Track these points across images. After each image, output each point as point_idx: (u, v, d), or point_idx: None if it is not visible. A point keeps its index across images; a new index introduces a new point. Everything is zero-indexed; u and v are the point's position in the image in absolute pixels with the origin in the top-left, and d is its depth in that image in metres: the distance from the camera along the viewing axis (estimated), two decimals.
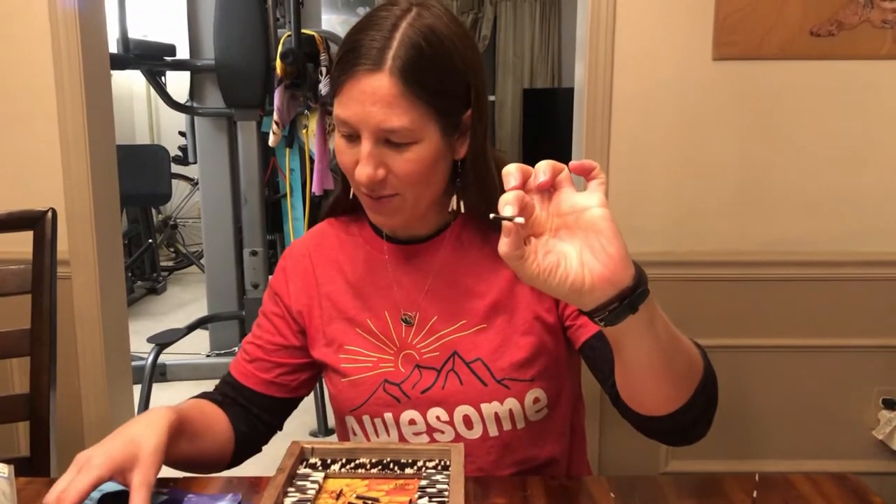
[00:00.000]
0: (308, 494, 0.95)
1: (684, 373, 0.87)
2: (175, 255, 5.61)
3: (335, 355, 1.11)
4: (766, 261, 1.99)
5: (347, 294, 1.12)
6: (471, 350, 1.06)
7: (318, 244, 1.16)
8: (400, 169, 0.98)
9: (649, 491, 1.02)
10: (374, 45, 0.95)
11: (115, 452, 0.90)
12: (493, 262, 1.06)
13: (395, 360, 1.09)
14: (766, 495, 1.00)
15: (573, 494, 0.99)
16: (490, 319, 1.07)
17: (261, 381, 1.14)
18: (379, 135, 0.96)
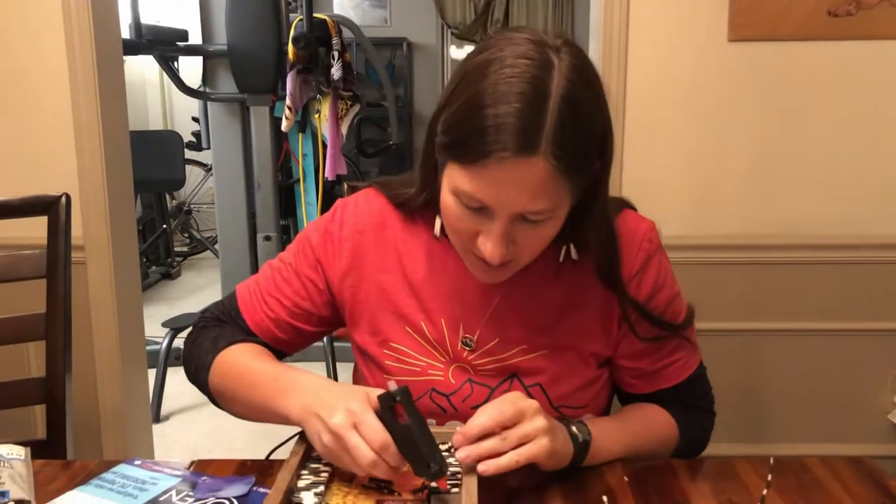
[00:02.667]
0: (321, 477, 0.95)
1: (655, 454, 1.08)
2: (189, 241, 5.63)
3: (379, 349, 1.08)
4: (780, 244, 1.98)
5: (403, 289, 1.06)
6: (531, 374, 1.03)
7: (378, 225, 1.07)
8: (529, 244, 0.92)
9: (663, 475, 1.02)
10: (523, 124, 0.82)
11: (354, 394, 0.91)
12: (561, 295, 1.04)
13: (445, 369, 1.05)
14: (781, 479, 0.99)
15: (587, 478, 0.99)
16: (552, 347, 1.04)
17: (275, 338, 1.10)
18: (517, 216, 0.89)
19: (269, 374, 1.00)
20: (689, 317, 1.06)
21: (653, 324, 1.02)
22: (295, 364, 1.04)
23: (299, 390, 0.96)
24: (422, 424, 0.89)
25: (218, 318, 1.15)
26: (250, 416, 1.04)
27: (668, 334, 1.04)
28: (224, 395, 1.06)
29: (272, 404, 0.97)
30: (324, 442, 0.89)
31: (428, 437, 0.89)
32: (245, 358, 1.04)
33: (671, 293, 1.04)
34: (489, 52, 0.87)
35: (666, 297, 1.03)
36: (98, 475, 1.01)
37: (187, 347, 1.14)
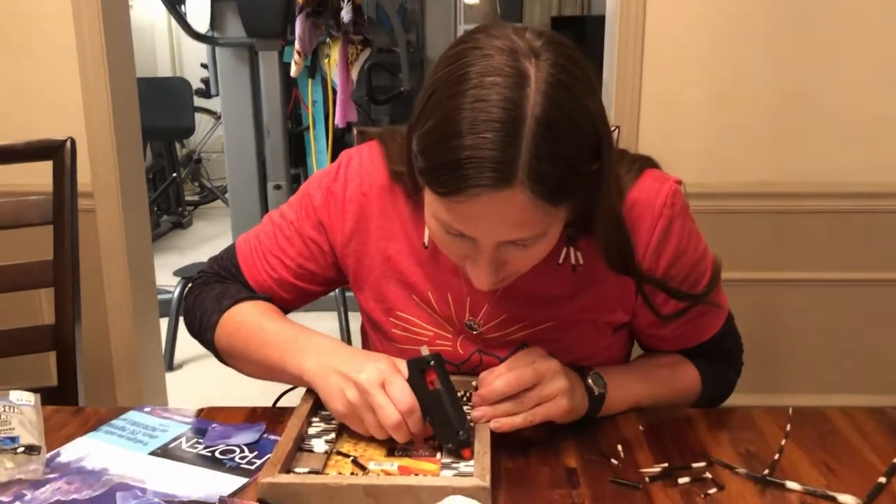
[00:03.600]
0: (332, 424, 0.94)
1: (674, 405, 1.06)
2: (200, 190, 5.61)
3: (384, 316, 1.05)
4: (802, 192, 1.93)
5: (409, 258, 1.01)
6: (541, 345, 0.97)
7: (383, 188, 1.01)
8: (523, 263, 0.88)
9: (679, 425, 1.00)
10: (495, 154, 0.75)
11: (380, 358, 0.90)
12: (572, 273, 0.98)
13: (454, 340, 1.03)
14: (800, 429, 0.97)
15: (602, 428, 0.98)
16: (564, 321, 1.00)
17: (279, 297, 1.08)
18: (503, 242, 0.84)
19: (284, 334, 0.98)
20: (713, 278, 1.00)
21: (673, 297, 0.98)
22: (306, 314, 1.02)
23: (318, 350, 0.94)
24: (452, 391, 0.88)
25: (218, 273, 1.12)
26: (260, 375, 1.02)
27: (689, 305, 1.00)
28: (233, 354, 1.04)
29: (286, 363, 0.95)
30: (348, 398, 0.87)
31: (458, 405, 0.87)
32: (255, 317, 1.02)
33: (695, 256, 0.99)
34: (460, 64, 0.79)
35: (689, 261, 0.98)
36: (108, 422, 1.00)
37: (189, 304, 1.11)
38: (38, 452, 0.90)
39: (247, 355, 1.01)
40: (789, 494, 0.84)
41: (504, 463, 0.89)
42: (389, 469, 0.86)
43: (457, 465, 0.86)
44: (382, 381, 0.87)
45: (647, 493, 0.84)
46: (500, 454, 0.89)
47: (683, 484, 0.86)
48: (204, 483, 0.86)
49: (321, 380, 0.90)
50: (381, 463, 0.87)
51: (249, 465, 0.90)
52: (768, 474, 0.86)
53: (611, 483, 0.86)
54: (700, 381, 1.07)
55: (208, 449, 0.94)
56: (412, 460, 0.88)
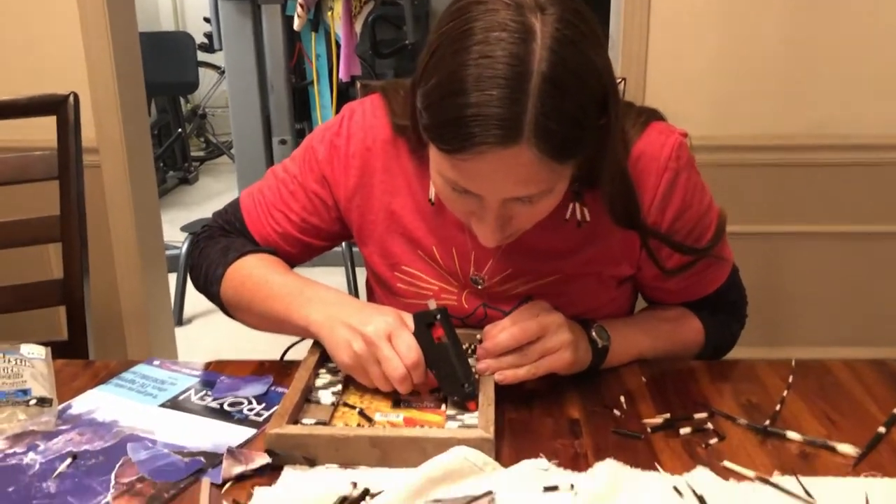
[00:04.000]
0: (338, 376, 0.95)
1: (678, 357, 1.07)
2: (205, 145, 5.58)
3: (389, 271, 1.05)
4: (809, 145, 1.92)
5: (413, 213, 1.01)
6: (546, 299, 0.98)
7: (386, 142, 1.01)
8: (528, 219, 0.88)
9: (682, 377, 1.01)
10: (500, 112, 0.74)
11: (387, 311, 0.91)
12: (577, 228, 0.98)
13: (459, 294, 1.03)
14: (802, 381, 0.98)
15: (605, 380, 0.99)
16: (568, 274, 1.00)
17: (283, 251, 1.08)
18: (509, 199, 0.83)
19: (290, 286, 0.98)
20: (718, 231, 1.00)
21: (677, 251, 0.98)
22: (313, 269, 1.03)
23: (324, 302, 0.94)
24: (458, 345, 0.89)
25: (222, 227, 1.12)
26: (266, 328, 1.03)
27: (694, 260, 1.00)
28: (238, 307, 1.05)
29: (291, 315, 0.95)
30: (354, 349, 0.88)
31: (463, 358, 0.88)
32: (260, 270, 1.02)
33: (700, 209, 0.99)
34: (464, 19, 0.78)
35: (694, 214, 0.98)
36: (118, 375, 1.02)
37: (193, 258, 1.12)
38: (49, 404, 0.92)
39: (252, 308, 1.02)
40: (789, 444, 0.85)
41: (508, 414, 0.91)
42: (395, 420, 0.87)
43: (461, 417, 0.87)
44: (389, 333, 0.87)
45: (648, 444, 0.86)
46: (504, 406, 0.90)
47: (685, 434, 0.87)
48: (212, 434, 0.88)
49: (327, 331, 0.91)
50: (387, 414, 0.88)
51: (257, 416, 0.92)
52: (769, 425, 0.88)
53: (613, 433, 0.87)
54: (703, 334, 1.08)
55: (217, 401, 0.95)
56: (417, 412, 0.89)
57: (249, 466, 0.80)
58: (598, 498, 0.74)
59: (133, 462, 0.83)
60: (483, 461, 0.79)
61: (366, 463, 0.81)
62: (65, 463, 0.82)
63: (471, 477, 0.78)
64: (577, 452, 0.84)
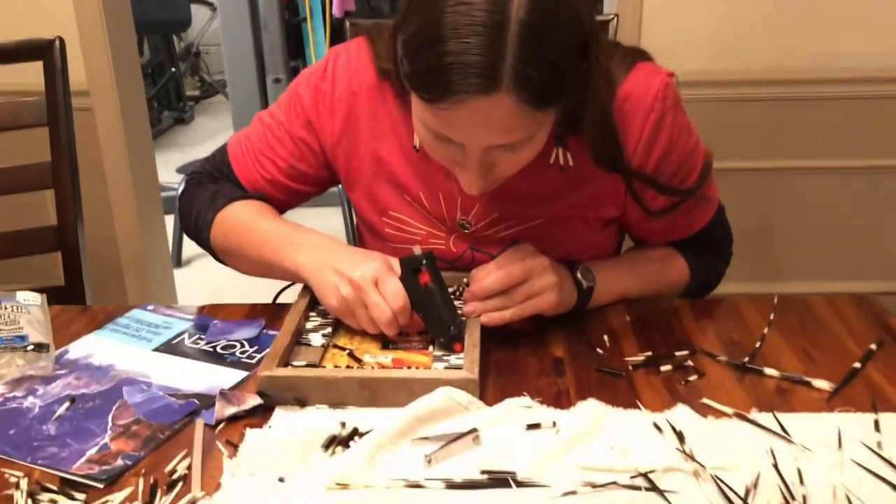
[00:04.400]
0: (328, 319, 0.97)
1: (662, 296, 1.08)
2: (200, 84, 5.53)
3: (377, 216, 1.06)
4: (805, 79, 1.90)
5: (400, 158, 1.02)
6: (533, 242, 0.98)
7: (372, 87, 1.00)
8: (511, 165, 0.88)
9: (666, 316, 1.03)
10: (479, 60, 0.74)
11: (374, 256, 0.92)
12: (563, 171, 0.99)
13: (446, 238, 1.05)
14: (784, 317, 1.00)
15: (590, 319, 1.00)
16: (554, 217, 1.01)
17: (272, 197, 1.08)
18: (491, 147, 0.83)
19: (279, 231, 1.00)
20: (704, 171, 1.00)
21: (663, 192, 0.98)
22: (308, 210, 1.03)
23: (313, 246, 0.96)
24: (444, 289, 0.90)
25: (211, 174, 1.13)
26: (256, 272, 1.05)
27: (679, 201, 1.00)
28: (228, 253, 1.06)
29: (281, 259, 0.97)
30: (342, 294, 0.89)
31: (449, 302, 0.90)
32: (249, 216, 1.03)
33: (685, 150, 0.99)
34: None
35: (680, 155, 0.98)
36: (113, 320, 1.04)
37: (183, 205, 1.13)
38: (46, 350, 0.94)
39: (242, 253, 1.03)
40: (767, 380, 0.87)
41: (494, 354, 0.93)
42: (384, 361, 0.89)
43: (447, 358, 0.89)
44: (376, 279, 0.89)
45: (629, 381, 0.88)
46: (490, 346, 0.92)
47: (666, 372, 0.89)
48: (206, 377, 0.90)
49: (316, 275, 0.93)
50: (376, 356, 0.90)
51: (249, 359, 0.94)
52: (748, 362, 0.90)
53: (595, 371, 0.90)
54: (688, 273, 1.09)
55: (210, 344, 0.97)
56: (405, 353, 0.91)
57: (242, 408, 0.82)
58: (579, 435, 0.77)
59: (129, 404, 0.85)
60: (468, 400, 0.81)
61: (355, 403, 0.84)
62: (63, 406, 0.85)
63: (456, 416, 0.80)
64: (559, 390, 0.86)
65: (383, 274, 0.89)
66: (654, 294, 1.07)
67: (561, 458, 0.74)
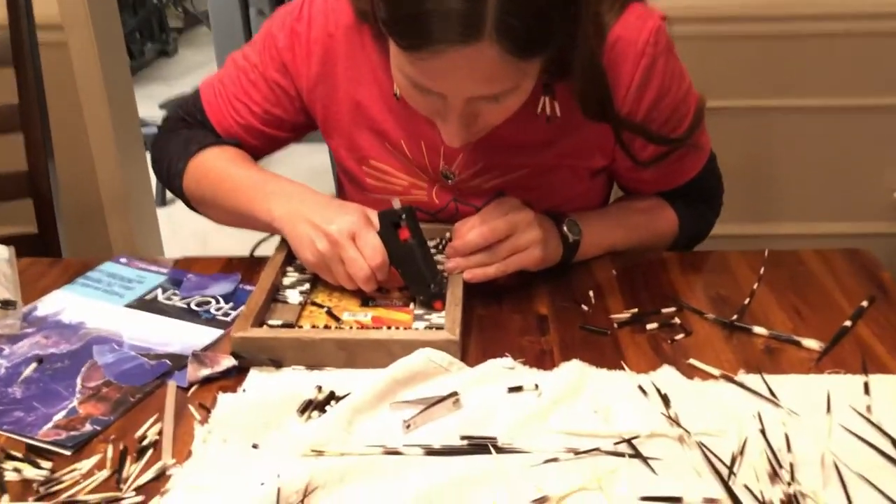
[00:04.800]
0: (306, 275, 0.94)
1: (650, 249, 1.05)
2: (184, 14, 5.37)
3: (357, 165, 1.02)
4: (801, 14, 1.84)
5: (380, 105, 0.97)
6: (518, 193, 0.96)
7: (349, 28, 0.95)
8: (493, 117, 0.84)
9: (653, 269, 1.00)
10: (459, 7, 0.69)
11: (351, 209, 0.88)
12: (545, 123, 0.94)
13: (429, 189, 1.00)
14: (774, 271, 0.97)
15: (575, 274, 0.98)
16: (541, 168, 0.97)
17: (247, 143, 1.03)
18: (473, 99, 0.79)
19: (253, 179, 0.96)
20: (696, 118, 0.96)
21: (653, 141, 0.94)
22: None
23: (287, 196, 0.92)
24: (424, 245, 0.87)
25: (184, 119, 1.08)
26: (230, 222, 1.01)
27: (670, 150, 0.96)
28: (202, 202, 1.02)
29: (254, 208, 0.93)
30: (318, 248, 0.86)
31: (429, 258, 0.87)
32: (223, 163, 0.99)
33: (677, 96, 0.94)
34: None
35: (671, 102, 0.94)
36: (84, 274, 1.01)
37: (155, 151, 1.08)
38: (13, 307, 0.91)
39: (216, 202, 0.99)
40: (755, 339, 0.85)
41: (477, 311, 0.90)
42: (363, 320, 0.86)
43: (429, 317, 0.86)
44: (353, 233, 0.86)
45: (614, 340, 0.86)
46: (473, 302, 0.90)
47: (651, 330, 0.87)
48: (179, 335, 0.88)
49: (290, 227, 0.89)
50: (356, 313, 0.88)
51: (225, 316, 0.91)
52: (736, 319, 0.87)
53: (580, 329, 0.87)
54: (677, 224, 1.06)
55: (184, 300, 0.94)
56: (386, 310, 0.88)
57: (215, 370, 0.80)
58: (562, 398, 0.75)
59: (99, 365, 0.83)
60: (448, 362, 0.79)
61: (332, 365, 0.81)
62: (30, 367, 0.82)
63: (436, 377, 0.78)
64: (543, 350, 0.84)
65: (361, 228, 0.86)
66: (643, 246, 1.04)
67: (543, 422, 0.73)
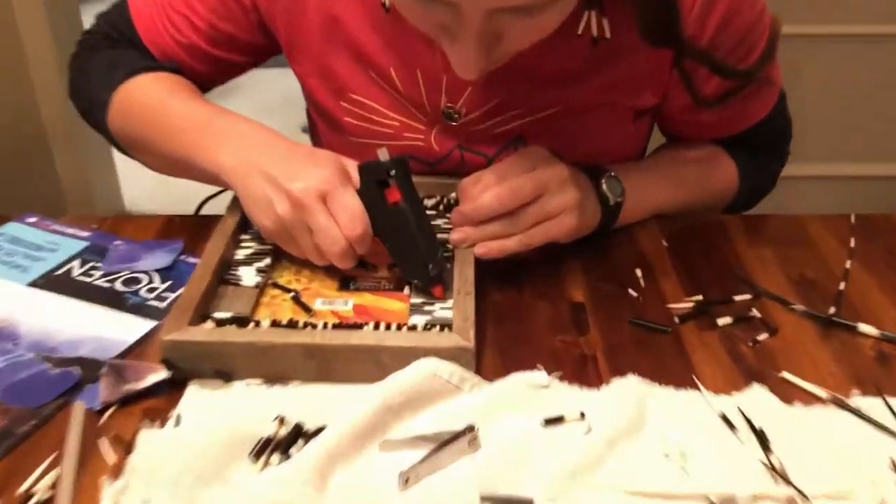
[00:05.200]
0: (267, 245, 0.72)
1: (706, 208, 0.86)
2: None
3: (333, 99, 0.79)
4: None
5: (363, 20, 0.75)
6: (542, 137, 0.75)
7: None
8: (522, 38, 0.62)
9: (712, 238, 0.79)
10: None
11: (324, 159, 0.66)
12: (590, 41, 0.72)
13: (427, 132, 0.78)
14: (866, 244, 0.77)
15: (615, 243, 0.77)
16: (573, 105, 0.75)
17: (190, 68, 0.81)
18: (496, 11, 0.57)
19: (196, 116, 0.72)
20: (769, 46, 0.74)
21: (721, 74, 0.72)
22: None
23: (239, 139, 0.69)
24: (420, 209, 0.65)
25: (108, 35, 0.84)
26: (170, 171, 0.78)
27: (738, 85, 0.74)
28: (132, 144, 0.79)
29: (197, 155, 0.70)
30: (277, 212, 0.64)
31: (427, 227, 0.65)
32: (157, 94, 0.76)
33: (750, 17, 0.72)
34: None
35: (742, 24, 0.71)
36: None
37: (73, 77, 0.85)
38: None
39: (149, 145, 0.76)
40: (861, 341, 0.65)
41: (490, 296, 0.69)
42: (342, 310, 0.65)
43: (431, 307, 0.65)
44: (325, 192, 0.63)
45: (676, 339, 0.65)
46: (484, 285, 0.68)
47: (724, 325, 0.66)
48: (97, 328, 0.65)
49: (242, 182, 0.67)
50: (332, 301, 0.66)
51: (159, 300, 0.69)
52: (834, 314, 0.67)
53: (630, 325, 0.66)
54: (737, 179, 0.85)
55: (107, 277, 0.72)
56: (372, 296, 0.67)
57: (139, 385, 0.58)
58: (617, 434, 0.54)
59: None
60: (459, 377, 0.58)
61: (300, 378, 0.60)
62: None
63: (444, 400, 0.57)
64: (583, 355, 0.63)
65: (335, 186, 0.64)
66: (695, 207, 0.83)
67: (595, 474, 0.52)
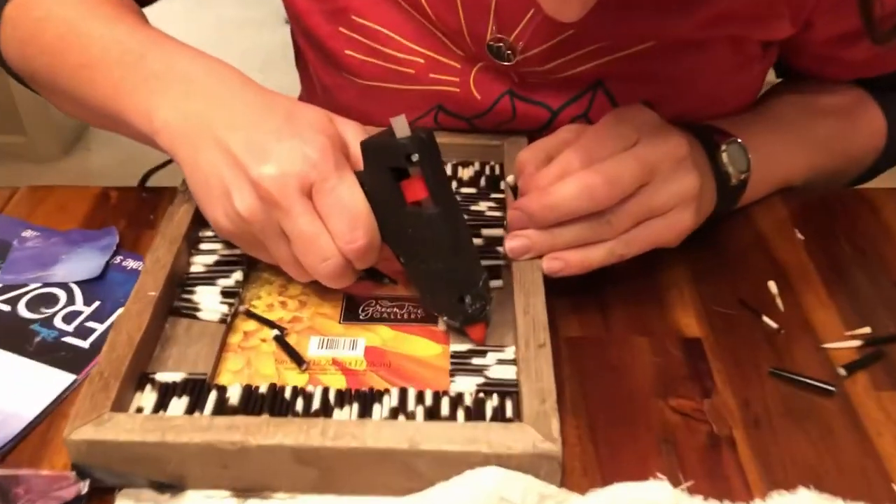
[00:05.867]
0: (237, 250, 0.49)
1: (845, 175, 0.65)
2: None
3: (329, 24, 0.57)
4: None
5: None
6: (630, 81, 0.54)
7: None
8: None
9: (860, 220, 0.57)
10: None
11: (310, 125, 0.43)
12: None
13: (464, 72, 0.56)
14: None
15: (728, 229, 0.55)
16: (673, 40, 0.52)
17: None
18: None
19: (124, 44, 0.48)
20: None
21: None
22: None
23: (185, 84, 0.46)
24: (455, 213, 0.43)
25: None
26: (93, 122, 0.55)
27: None
28: (34, 78, 0.55)
29: (124, 105, 0.47)
30: (237, 209, 0.42)
31: (465, 242, 0.43)
32: (68, 12, 0.51)
33: None
34: None
35: None
36: None
37: None
38: None
39: (56, 84, 0.52)
40: None
41: (561, 329, 0.47)
42: (349, 358, 0.44)
43: (481, 358, 0.43)
44: (309, 182, 0.42)
45: (846, 403, 0.44)
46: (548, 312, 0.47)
47: None
48: None
49: (185, 153, 0.44)
50: (334, 341, 0.45)
51: (80, 337, 0.48)
52: None
53: (770, 376, 0.45)
54: (885, 133, 0.63)
55: (6, 295, 0.50)
56: (393, 331, 0.45)
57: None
58: None
59: None
60: (539, 493, 0.37)
61: (289, 488, 0.39)
62: None
63: None
64: (712, 436, 0.42)
65: (326, 172, 0.42)
66: (832, 174, 0.62)
67: None
